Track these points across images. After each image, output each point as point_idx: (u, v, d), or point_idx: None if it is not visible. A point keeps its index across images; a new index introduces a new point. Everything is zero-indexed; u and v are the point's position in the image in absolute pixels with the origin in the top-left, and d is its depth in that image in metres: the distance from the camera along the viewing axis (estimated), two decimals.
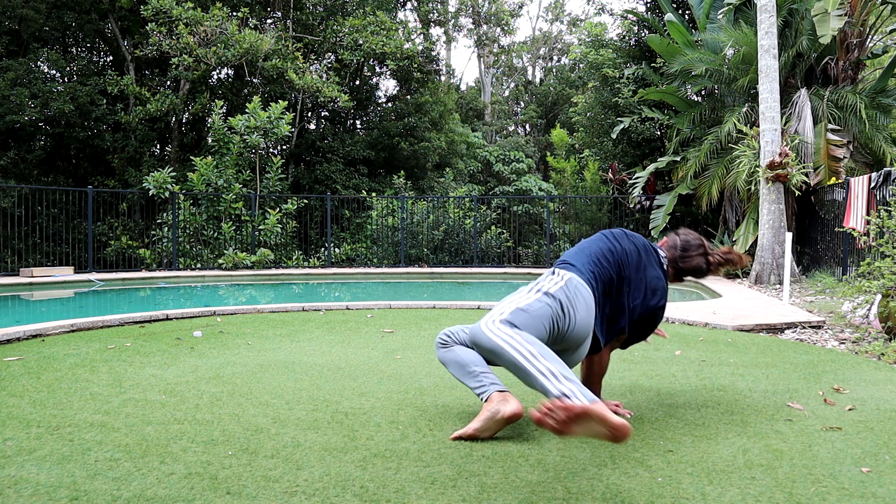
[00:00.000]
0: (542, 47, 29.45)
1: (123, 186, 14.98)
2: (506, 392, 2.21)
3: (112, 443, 2.12)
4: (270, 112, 12.99)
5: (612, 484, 1.79)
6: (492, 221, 15.07)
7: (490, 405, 2.17)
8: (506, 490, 1.75)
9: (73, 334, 4.44)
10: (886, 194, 7.31)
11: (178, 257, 12.20)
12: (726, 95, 11.41)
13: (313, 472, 1.87)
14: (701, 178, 11.11)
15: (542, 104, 26.57)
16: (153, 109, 14.49)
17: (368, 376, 3.18)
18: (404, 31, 17.26)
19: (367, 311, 5.86)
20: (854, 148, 10.08)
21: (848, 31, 9.97)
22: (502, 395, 2.19)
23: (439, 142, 17.94)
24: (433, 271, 12.22)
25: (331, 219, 14.09)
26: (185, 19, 13.68)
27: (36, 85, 13.87)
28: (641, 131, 13.13)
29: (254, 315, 5.57)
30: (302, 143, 17.49)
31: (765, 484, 1.79)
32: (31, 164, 14.73)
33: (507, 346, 1.98)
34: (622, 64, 14.15)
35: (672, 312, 5.47)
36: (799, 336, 4.61)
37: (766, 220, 9.14)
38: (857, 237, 5.85)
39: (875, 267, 4.62)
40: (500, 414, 2.15)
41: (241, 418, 2.43)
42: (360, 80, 18.59)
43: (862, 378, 3.18)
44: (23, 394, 2.78)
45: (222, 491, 1.73)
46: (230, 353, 3.80)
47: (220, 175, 12.74)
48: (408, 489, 1.75)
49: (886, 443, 2.16)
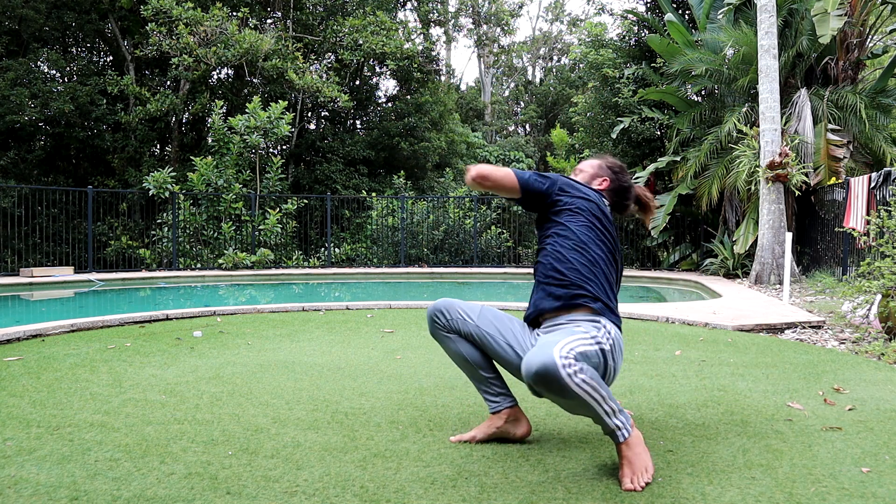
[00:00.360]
0: (542, 47, 29.45)
1: (123, 186, 14.98)
2: (517, 408, 2.18)
3: (112, 443, 2.12)
4: (270, 112, 12.99)
5: (612, 484, 1.79)
6: (492, 221, 15.07)
7: (500, 423, 2.15)
8: (506, 490, 1.75)
9: (73, 334, 4.44)
10: (886, 194, 7.30)
11: (178, 257, 12.20)
12: (726, 95, 11.41)
13: (313, 472, 1.87)
14: (701, 178, 11.11)
15: (542, 104, 26.57)
16: (153, 109, 14.49)
17: (368, 376, 3.18)
18: (404, 31, 17.27)
19: (367, 311, 5.86)
20: (854, 148, 10.08)
21: (848, 31, 9.97)
22: (514, 414, 2.17)
23: (439, 142, 17.94)
24: (433, 271, 12.22)
25: (331, 219, 14.08)
26: (185, 19, 13.68)
27: (36, 85, 13.87)
28: (641, 131, 13.13)
29: (254, 315, 5.57)
30: (302, 143, 17.49)
31: (765, 484, 1.79)
32: (31, 164, 14.73)
33: (589, 397, 1.77)
34: (622, 64, 14.15)
35: (672, 312, 5.47)
36: (799, 336, 4.61)
37: (766, 220, 9.14)
38: (857, 237, 5.85)
39: (875, 267, 4.62)
40: (509, 435, 2.15)
41: (241, 418, 2.43)
42: (360, 80, 18.59)
43: (862, 378, 3.18)
44: (23, 394, 2.78)
45: (222, 491, 1.73)
46: (230, 353, 3.80)
47: (220, 175, 12.74)
48: (408, 489, 1.75)
49: (886, 443, 2.16)
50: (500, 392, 2.18)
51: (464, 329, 2.18)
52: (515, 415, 2.17)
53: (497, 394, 2.18)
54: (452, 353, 2.22)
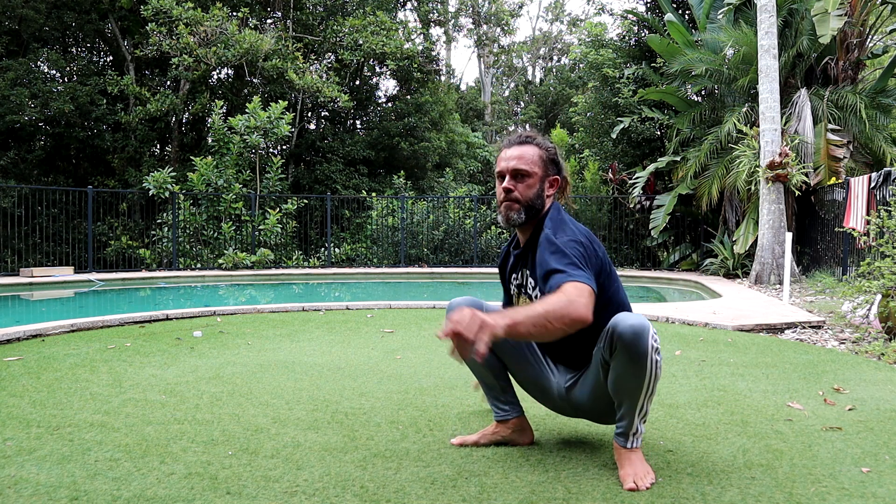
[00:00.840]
0: (542, 47, 29.46)
1: (123, 186, 14.98)
2: (523, 418, 2.15)
3: (112, 443, 2.12)
4: (270, 112, 12.99)
5: (612, 484, 1.79)
6: (492, 221, 15.07)
7: (506, 433, 2.12)
8: (506, 490, 1.75)
9: (73, 334, 4.44)
10: (886, 194, 7.30)
11: (178, 257, 12.20)
12: (726, 95, 11.40)
13: (313, 472, 1.87)
14: (701, 178, 11.11)
15: (542, 104, 26.57)
16: (153, 109, 14.48)
17: (368, 376, 3.18)
18: (404, 31, 17.26)
19: (367, 311, 5.86)
20: (854, 148, 10.08)
21: (848, 31, 9.96)
22: (520, 423, 2.14)
23: (439, 142, 17.94)
24: (433, 271, 12.22)
25: (331, 219, 14.08)
26: (185, 19, 13.68)
27: (36, 85, 13.87)
28: (641, 131, 13.12)
29: (254, 315, 5.57)
30: (302, 143, 17.49)
31: (765, 484, 1.79)
32: (31, 164, 14.73)
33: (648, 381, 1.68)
34: (622, 64, 14.14)
35: (672, 312, 5.47)
36: (799, 336, 4.61)
37: (766, 220, 9.14)
38: (857, 237, 5.85)
39: (875, 267, 4.62)
40: (513, 443, 2.13)
41: (241, 418, 2.43)
42: (360, 80, 18.59)
43: (862, 378, 3.17)
44: (23, 394, 2.78)
45: (222, 491, 1.73)
46: (230, 353, 3.80)
47: (220, 175, 12.74)
48: (408, 489, 1.75)
49: (886, 443, 2.16)
50: (509, 401, 2.13)
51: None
52: (522, 424, 2.14)
53: (507, 402, 2.13)
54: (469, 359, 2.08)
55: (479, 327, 1.50)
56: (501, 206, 1.94)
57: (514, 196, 1.92)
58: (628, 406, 1.80)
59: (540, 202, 1.94)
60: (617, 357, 1.73)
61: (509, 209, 1.92)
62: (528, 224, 1.95)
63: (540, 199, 1.94)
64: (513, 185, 1.92)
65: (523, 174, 1.92)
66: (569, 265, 1.71)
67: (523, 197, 1.92)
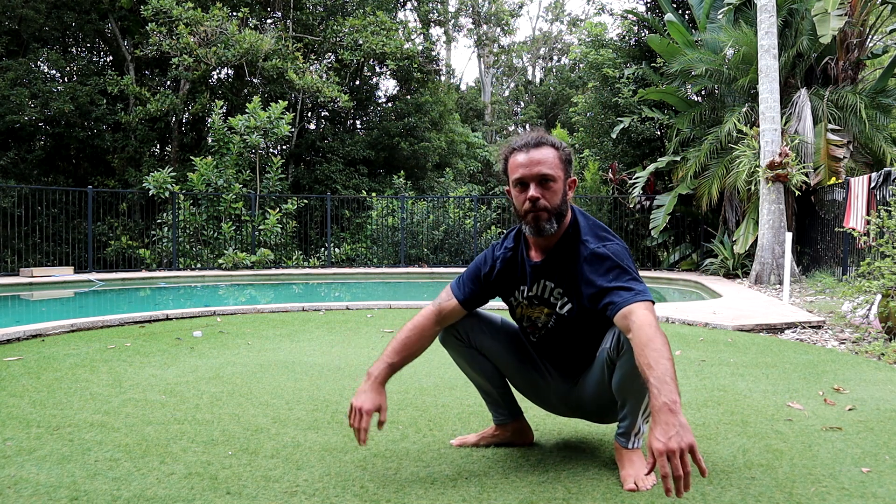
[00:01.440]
0: (542, 47, 29.46)
1: (123, 186, 14.98)
2: (522, 420, 2.14)
3: (112, 443, 2.12)
4: (270, 112, 12.99)
5: (612, 484, 1.79)
6: (492, 221, 15.07)
7: (506, 435, 2.12)
8: (506, 490, 1.75)
9: (73, 334, 4.44)
10: (886, 194, 7.30)
11: (178, 257, 12.20)
12: (726, 95, 11.40)
13: (313, 472, 1.87)
14: (701, 178, 11.11)
15: (542, 104, 26.57)
16: (153, 109, 14.48)
17: None
18: (404, 31, 17.27)
19: (367, 311, 5.86)
20: (854, 148, 10.08)
21: (848, 31, 9.96)
22: (520, 426, 2.13)
23: (439, 142, 17.94)
24: (433, 271, 12.22)
25: (331, 219, 14.08)
26: (185, 19, 13.68)
27: (36, 85, 13.87)
28: (641, 131, 13.12)
29: (254, 315, 5.57)
30: (302, 143, 17.48)
31: (765, 484, 1.79)
32: (31, 164, 14.73)
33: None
34: (622, 64, 14.14)
35: (672, 312, 5.47)
36: (799, 336, 4.61)
37: (766, 220, 9.14)
38: (857, 237, 5.85)
39: (875, 267, 4.62)
40: (513, 445, 2.12)
41: (241, 418, 2.43)
42: (360, 80, 18.59)
43: (862, 378, 3.17)
44: (23, 394, 2.78)
45: (222, 491, 1.73)
46: (230, 353, 3.80)
47: (220, 175, 12.74)
48: (408, 489, 1.75)
49: (886, 443, 2.16)
50: (508, 405, 2.12)
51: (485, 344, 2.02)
52: (521, 427, 2.13)
53: (505, 406, 2.11)
54: (465, 364, 2.06)
55: (689, 445, 1.39)
56: (528, 217, 1.79)
57: (543, 205, 1.78)
58: (632, 406, 1.80)
59: (564, 207, 1.84)
60: (624, 357, 1.73)
61: (540, 219, 1.79)
62: (555, 232, 1.84)
63: (565, 205, 1.84)
64: (540, 192, 1.78)
65: (549, 179, 1.79)
66: (630, 280, 1.68)
67: (551, 204, 1.79)
